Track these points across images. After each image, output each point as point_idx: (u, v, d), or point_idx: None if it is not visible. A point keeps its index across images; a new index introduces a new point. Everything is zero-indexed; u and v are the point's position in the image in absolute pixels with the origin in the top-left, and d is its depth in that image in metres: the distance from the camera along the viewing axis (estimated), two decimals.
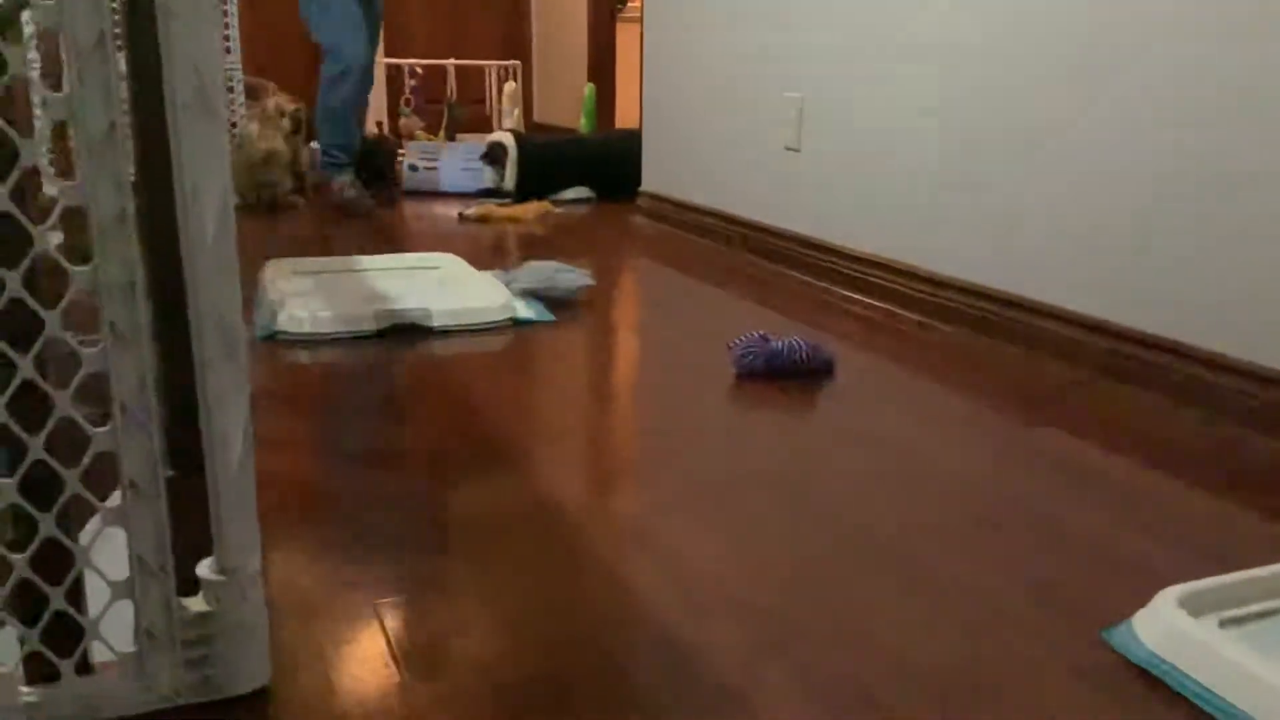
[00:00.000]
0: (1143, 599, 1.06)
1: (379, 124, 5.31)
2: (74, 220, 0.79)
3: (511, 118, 5.14)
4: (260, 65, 5.60)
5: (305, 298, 2.29)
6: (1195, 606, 1.03)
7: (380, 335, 2.14)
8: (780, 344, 1.90)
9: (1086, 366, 1.97)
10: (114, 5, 0.85)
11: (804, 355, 1.90)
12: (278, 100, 3.91)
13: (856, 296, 2.59)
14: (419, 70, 5.37)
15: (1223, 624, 1.03)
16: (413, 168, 4.27)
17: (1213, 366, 1.74)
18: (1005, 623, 1.09)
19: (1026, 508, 1.38)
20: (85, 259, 0.80)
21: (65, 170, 3.05)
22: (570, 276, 2.47)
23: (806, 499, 1.40)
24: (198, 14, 0.77)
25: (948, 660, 1.02)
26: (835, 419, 1.72)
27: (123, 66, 0.88)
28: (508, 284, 2.48)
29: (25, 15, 0.78)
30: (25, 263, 0.78)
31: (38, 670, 0.87)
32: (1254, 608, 1.06)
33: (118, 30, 0.82)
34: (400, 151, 4.37)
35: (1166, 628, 1.01)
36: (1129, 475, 1.50)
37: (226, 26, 4.22)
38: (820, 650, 1.03)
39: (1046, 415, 1.76)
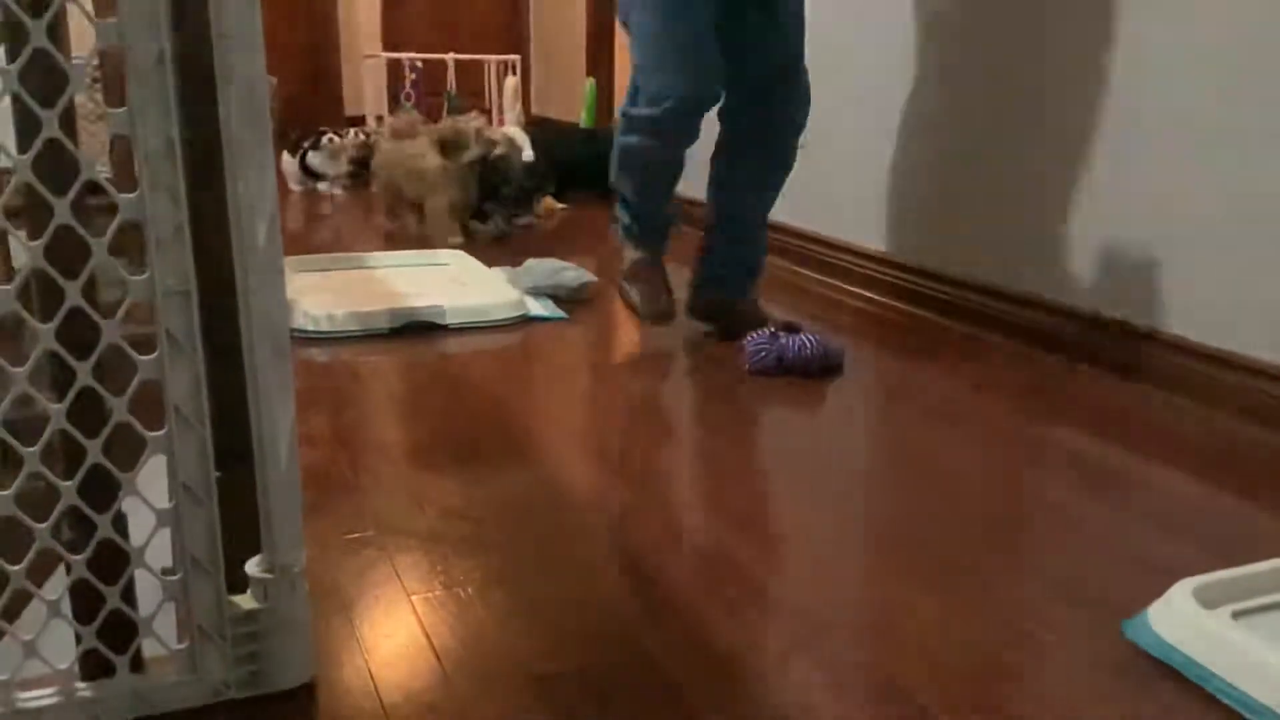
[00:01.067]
0: (1158, 591, 1.10)
1: (378, 118, 5.33)
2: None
3: (513, 112, 5.15)
4: None
5: (318, 296, 2.31)
6: (1209, 598, 1.06)
7: (394, 333, 2.16)
8: (791, 341, 1.92)
9: (1094, 363, 2.00)
10: None
11: (814, 352, 1.92)
12: (508, 134, 3.01)
13: (862, 291, 2.62)
14: (419, 64, 5.37)
15: (1236, 615, 1.06)
16: None
17: (1218, 362, 1.77)
18: (1025, 615, 1.12)
19: (1042, 503, 1.41)
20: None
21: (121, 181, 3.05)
22: (572, 274, 2.48)
23: (825, 495, 1.43)
24: (249, 36, 0.80)
25: (972, 653, 1.05)
26: (849, 416, 1.75)
27: None
28: (512, 281, 2.51)
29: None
30: (85, 273, 0.81)
31: (94, 666, 0.90)
32: (1266, 599, 1.09)
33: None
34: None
35: (1181, 619, 1.04)
36: (1140, 470, 1.54)
37: None
38: (848, 645, 1.06)
39: (1057, 411, 1.79)
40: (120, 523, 0.88)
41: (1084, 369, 1.99)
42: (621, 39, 5.74)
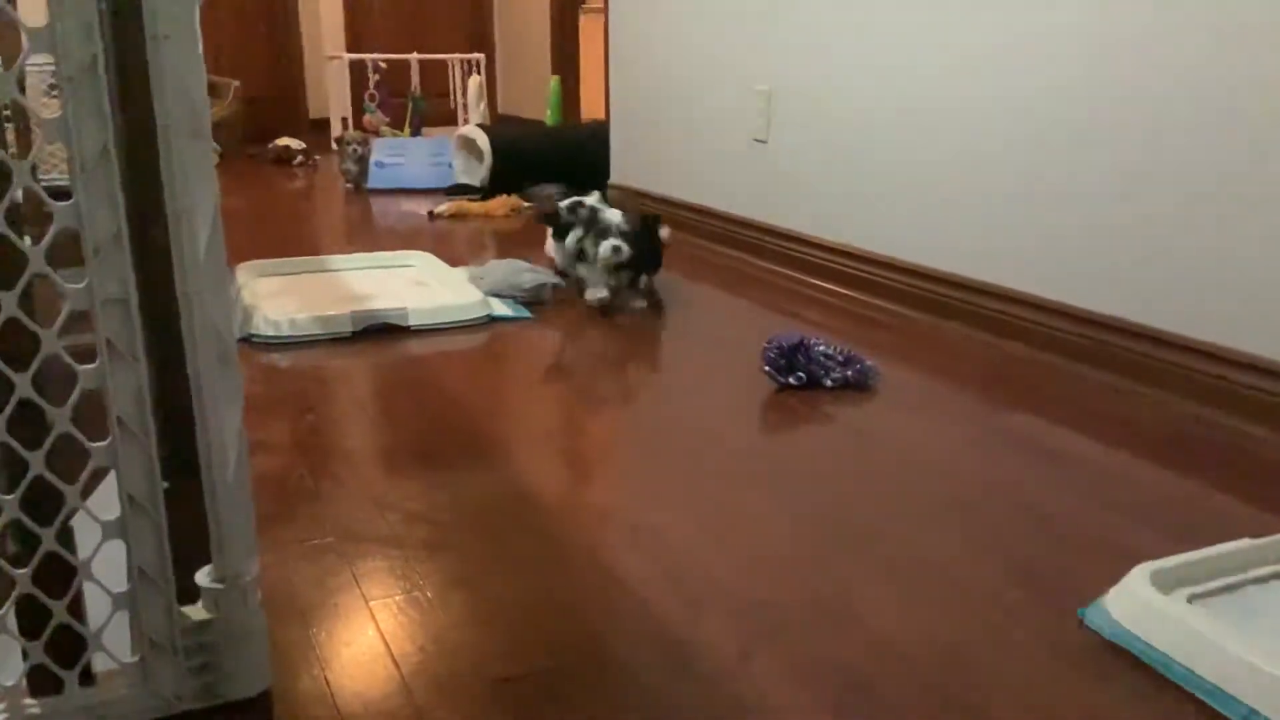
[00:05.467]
0: (1115, 577, 1.10)
1: (343, 120, 5.29)
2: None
3: (478, 111, 5.12)
4: (218, 59, 5.55)
5: (280, 300, 2.29)
6: (1165, 583, 1.07)
7: (356, 335, 2.14)
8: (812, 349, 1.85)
9: (1053, 350, 2.01)
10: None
11: (838, 364, 1.85)
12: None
13: (824, 284, 2.62)
14: (382, 65, 5.33)
15: (1191, 599, 1.07)
16: (380, 164, 4.26)
17: (1175, 348, 1.78)
18: (986, 604, 1.13)
19: (1002, 491, 1.42)
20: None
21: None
22: (533, 276, 2.45)
23: (786, 486, 1.43)
24: (186, 37, 0.78)
25: (932, 643, 1.05)
26: (808, 405, 1.75)
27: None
28: (474, 282, 2.49)
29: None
30: (21, 283, 0.80)
31: (42, 682, 0.88)
32: (1220, 582, 1.10)
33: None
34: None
35: (1138, 604, 1.05)
36: (1099, 457, 1.55)
37: None
38: (810, 638, 1.06)
39: (1017, 399, 1.80)
40: (66, 535, 0.86)
41: (1050, 359, 2.00)
42: (585, 36, 5.74)
